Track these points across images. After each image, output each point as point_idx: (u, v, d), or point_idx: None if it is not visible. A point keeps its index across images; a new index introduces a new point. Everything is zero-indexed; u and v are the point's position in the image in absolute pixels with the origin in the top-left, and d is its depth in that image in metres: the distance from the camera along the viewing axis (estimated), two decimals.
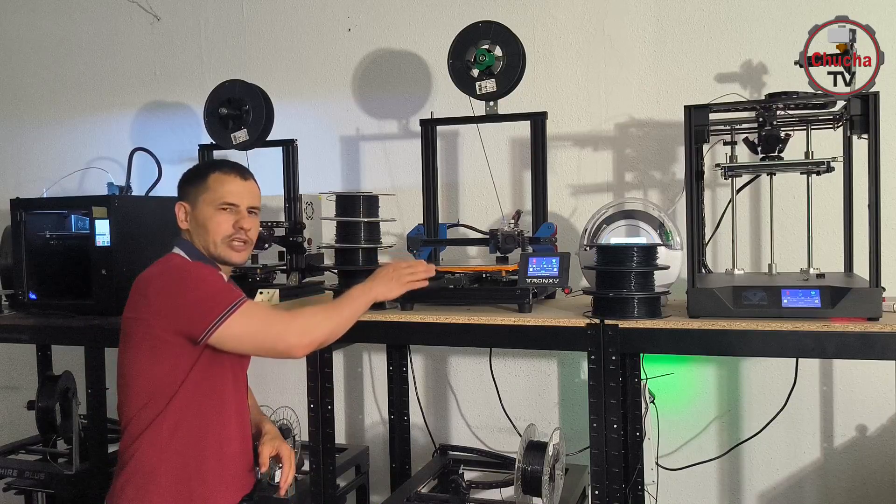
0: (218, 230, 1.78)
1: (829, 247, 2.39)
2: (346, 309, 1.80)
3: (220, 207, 1.79)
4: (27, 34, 3.76)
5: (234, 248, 1.80)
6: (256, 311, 1.71)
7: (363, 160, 3.20)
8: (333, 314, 1.78)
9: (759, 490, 2.72)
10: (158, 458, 1.69)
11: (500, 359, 2.97)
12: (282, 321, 1.70)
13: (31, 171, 3.74)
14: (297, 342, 1.70)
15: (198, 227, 1.79)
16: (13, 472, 2.72)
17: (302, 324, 1.72)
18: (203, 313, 1.64)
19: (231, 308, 1.65)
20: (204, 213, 1.79)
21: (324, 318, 1.76)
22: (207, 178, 1.81)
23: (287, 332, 1.70)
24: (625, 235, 2.27)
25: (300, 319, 1.73)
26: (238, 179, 1.83)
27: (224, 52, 3.40)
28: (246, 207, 1.82)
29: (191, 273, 1.72)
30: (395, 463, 2.83)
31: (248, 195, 1.84)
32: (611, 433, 1.99)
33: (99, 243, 2.51)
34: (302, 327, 1.72)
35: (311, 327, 1.73)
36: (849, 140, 2.14)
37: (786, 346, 1.86)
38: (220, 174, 1.82)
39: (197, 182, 1.81)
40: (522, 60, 2.35)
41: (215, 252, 1.79)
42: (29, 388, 3.12)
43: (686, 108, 2.02)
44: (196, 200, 1.80)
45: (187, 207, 1.81)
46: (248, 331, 1.67)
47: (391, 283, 1.88)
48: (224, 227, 1.79)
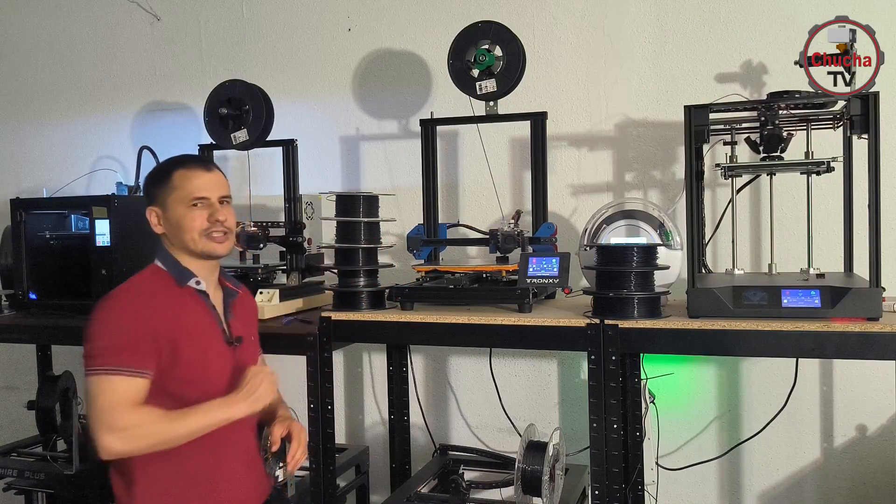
0: (194, 226, 1.73)
1: (829, 247, 2.39)
2: (194, 424, 1.62)
3: (191, 204, 1.73)
4: (27, 34, 3.76)
5: (215, 239, 1.75)
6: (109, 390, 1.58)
7: (363, 160, 3.20)
8: (175, 430, 1.61)
9: (759, 490, 2.72)
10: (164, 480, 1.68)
11: (500, 359, 2.97)
12: (115, 415, 1.56)
13: (31, 170, 3.74)
14: (109, 445, 1.56)
15: (173, 228, 1.74)
16: (13, 472, 2.72)
17: (131, 429, 1.58)
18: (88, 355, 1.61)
19: (98, 370, 1.58)
20: (176, 213, 1.73)
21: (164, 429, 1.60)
22: (172, 176, 1.75)
23: (110, 429, 1.56)
24: (625, 235, 2.27)
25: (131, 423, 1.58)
26: (203, 172, 1.77)
27: (224, 52, 3.40)
28: (217, 198, 1.77)
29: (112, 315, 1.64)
30: (395, 463, 2.83)
31: (216, 186, 1.78)
32: (611, 433, 1.99)
33: (99, 243, 2.51)
34: (127, 432, 1.57)
35: (141, 438, 1.59)
36: (849, 140, 2.14)
37: (786, 346, 1.86)
38: (184, 170, 1.75)
39: (162, 183, 1.75)
40: (522, 60, 2.35)
41: (197, 248, 1.74)
42: (29, 388, 3.12)
43: (686, 108, 2.02)
44: (166, 202, 1.74)
45: (158, 211, 1.76)
46: (91, 400, 1.59)
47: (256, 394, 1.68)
48: (199, 223, 1.73)
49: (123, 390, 1.59)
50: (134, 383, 1.60)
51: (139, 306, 1.66)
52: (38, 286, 2.69)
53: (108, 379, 1.59)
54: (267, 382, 1.70)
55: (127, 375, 1.60)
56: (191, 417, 1.63)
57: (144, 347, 1.63)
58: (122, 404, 1.58)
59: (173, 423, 1.61)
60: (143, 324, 1.64)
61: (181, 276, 1.75)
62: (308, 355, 2.28)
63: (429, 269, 2.41)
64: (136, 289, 1.72)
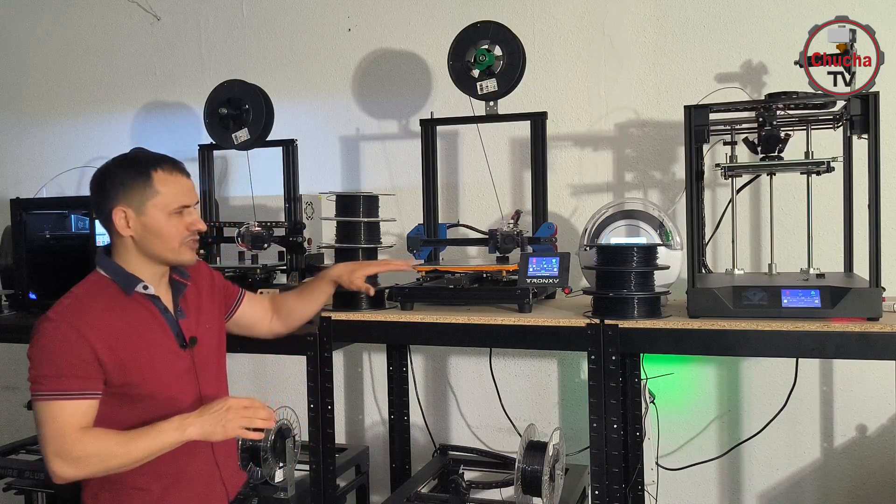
0: (175, 235, 1.66)
1: (829, 247, 2.39)
2: (146, 448, 1.57)
3: (174, 212, 1.66)
4: (27, 34, 3.76)
5: (192, 247, 1.72)
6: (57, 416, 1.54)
7: (363, 160, 3.20)
8: (129, 452, 1.56)
9: (759, 490, 2.72)
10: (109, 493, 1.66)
11: (500, 359, 2.97)
12: (66, 442, 1.53)
13: (31, 170, 3.74)
14: (60, 471, 1.54)
15: (147, 233, 1.64)
16: (13, 472, 2.72)
17: (82, 455, 1.53)
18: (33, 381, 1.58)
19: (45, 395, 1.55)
20: (155, 218, 1.64)
21: (115, 454, 1.55)
22: (151, 178, 1.63)
23: (59, 455, 1.53)
24: (625, 235, 2.27)
25: (86, 449, 1.53)
26: (182, 177, 1.69)
27: (224, 52, 3.40)
28: (193, 205, 1.72)
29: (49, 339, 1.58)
30: (395, 463, 2.83)
31: (193, 192, 1.72)
32: (611, 433, 1.99)
33: (99, 243, 2.50)
34: (79, 459, 1.53)
35: (92, 463, 1.55)
36: (849, 140, 2.14)
37: (786, 346, 1.86)
38: (165, 174, 1.65)
39: (138, 183, 1.63)
40: (522, 60, 2.35)
41: (172, 258, 1.69)
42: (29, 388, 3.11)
43: (686, 108, 2.02)
44: (142, 206, 1.63)
45: (129, 213, 1.63)
46: (40, 426, 1.56)
47: (218, 425, 1.59)
48: (181, 232, 1.67)
49: (69, 415, 1.55)
50: (80, 406, 1.56)
51: (77, 328, 1.58)
52: (38, 286, 2.69)
53: (52, 405, 1.55)
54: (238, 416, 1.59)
55: (71, 399, 1.55)
56: (142, 441, 1.56)
57: (85, 370, 1.57)
58: (69, 429, 1.54)
59: (125, 446, 1.56)
60: (81, 347, 1.57)
61: (128, 283, 1.67)
62: (308, 355, 2.28)
63: (429, 269, 2.41)
64: (75, 306, 1.63)
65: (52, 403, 1.55)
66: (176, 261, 1.71)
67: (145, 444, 1.57)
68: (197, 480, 1.74)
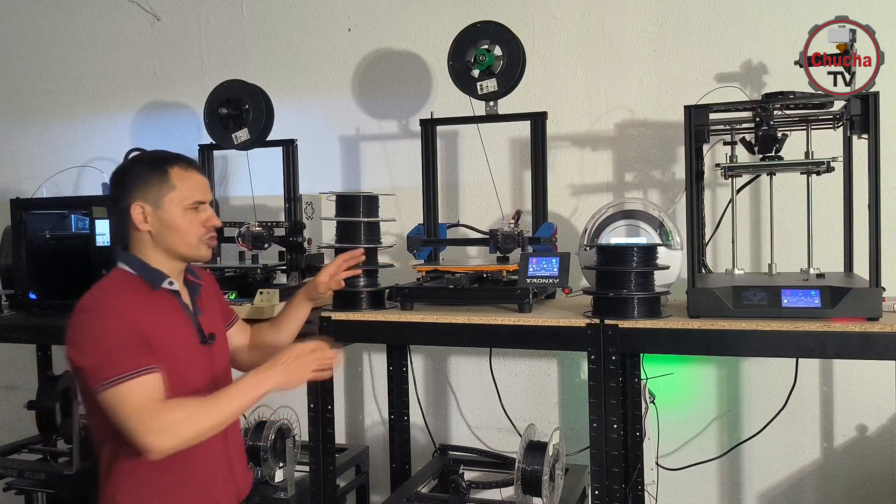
0: (192, 231, 1.69)
1: (829, 247, 2.39)
2: (230, 406, 1.60)
3: (190, 207, 1.69)
4: (27, 34, 3.76)
5: (209, 245, 1.74)
6: (131, 395, 1.52)
7: (363, 160, 3.20)
8: (215, 413, 1.58)
9: (759, 490, 2.72)
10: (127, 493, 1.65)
11: (500, 359, 2.97)
12: (148, 416, 1.52)
13: (30, 170, 3.74)
14: (153, 445, 1.51)
15: (164, 228, 1.67)
16: (13, 472, 2.72)
17: (169, 423, 1.52)
18: (92, 374, 1.54)
19: (113, 381, 1.52)
20: (171, 213, 1.67)
21: (201, 418, 1.56)
22: (168, 174, 1.67)
23: (149, 431, 1.51)
24: (625, 235, 2.27)
25: (171, 417, 1.53)
26: (198, 174, 1.73)
27: (224, 52, 3.40)
28: (208, 202, 1.74)
29: (96, 325, 1.58)
30: (395, 463, 2.83)
31: (208, 190, 1.75)
32: (611, 433, 1.99)
33: (99, 243, 2.50)
34: (167, 428, 1.52)
35: (181, 429, 1.53)
36: (849, 140, 2.14)
37: (786, 346, 1.86)
38: (181, 170, 1.69)
39: (156, 179, 1.67)
40: (522, 60, 2.35)
41: (188, 253, 1.71)
42: (29, 388, 3.12)
43: (686, 108, 2.02)
44: (159, 200, 1.66)
45: (147, 208, 1.67)
46: (117, 411, 1.52)
47: (293, 373, 1.65)
48: (198, 228, 1.70)
49: (142, 392, 1.54)
50: (148, 381, 1.55)
51: (115, 310, 1.59)
52: (38, 286, 2.69)
53: (121, 388, 1.52)
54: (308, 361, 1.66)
55: (137, 377, 1.54)
56: (223, 401, 1.59)
57: (137, 347, 1.58)
58: (148, 405, 1.53)
59: (207, 409, 1.57)
60: (125, 326, 1.58)
61: (154, 278, 1.68)
62: None
63: (429, 269, 2.41)
64: (106, 295, 1.64)
65: (121, 387, 1.53)
66: (192, 256, 1.73)
67: (227, 403, 1.59)
68: (211, 477, 1.75)
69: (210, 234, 1.73)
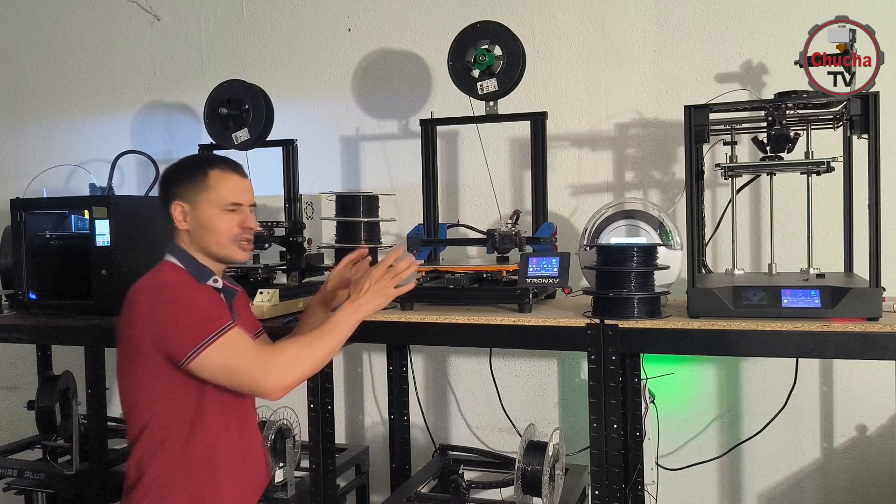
0: (225, 230, 1.74)
1: (829, 247, 2.39)
2: (331, 339, 1.70)
3: (226, 208, 1.74)
4: (27, 34, 3.76)
5: (243, 247, 1.78)
6: (236, 344, 1.61)
7: (363, 160, 3.20)
8: (319, 347, 1.67)
9: (759, 490, 2.72)
10: (171, 475, 1.67)
11: (500, 359, 2.97)
12: (261, 358, 1.60)
13: (30, 170, 3.72)
14: (274, 384, 1.59)
15: (200, 227, 1.74)
16: (13, 472, 2.72)
17: (282, 363, 1.61)
18: (184, 339, 1.58)
19: (212, 337, 1.58)
20: (207, 213, 1.73)
21: (308, 353, 1.65)
22: (208, 176, 1.75)
23: (265, 371, 1.58)
24: (625, 235, 2.27)
25: (281, 357, 1.62)
26: (238, 177, 1.79)
27: (224, 52, 3.40)
28: (248, 205, 1.80)
29: (178, 293, 1.64)
30: (395, 463, 2.83)
31: (249, 193, 1.81)
32: (611, 433, 1.99)
33: (99, 243, 2.51)
34: (281, 367, 1.60)
35: (293, 367, 1.62)
36: (849, 140, 2.14)
37: (786, 346, 1.86)
38: (221, 172, 1.76)
39: (195, 180, 1.75)
40: (522, 60, 2.35)
41: (220, 252, 1.75)
42: (29, 388, 3.12)
43: (686, 108, 2.01)
44: (196, 200, 1.74)
45: (185, 207, 1.74)
46: (225, 364, 1.59)
47: (378, 298, 1.77)
48: (232, 228, 1.75)
49: (244, 340, 1.63)
50: (241, 332, 1.64)
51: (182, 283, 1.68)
52: (38, 286, 2.69)
53: (221, 341, 1.59)
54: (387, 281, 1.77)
55: (228, 330, 1.61)
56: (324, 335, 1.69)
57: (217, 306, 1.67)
58: (252, 350, 1.61)
59: (310, 345, 1.66)
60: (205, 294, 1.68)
61: (201, 273, 1.75)
62: None
63: (429, 269, 2.41)
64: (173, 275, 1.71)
65: (221, 340, 1.59)
66: (225, 256, 1.77)
67: (329, 337, 1.69)
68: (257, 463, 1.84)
69: (245, 235, 1.77)
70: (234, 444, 1.76)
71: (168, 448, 1.67)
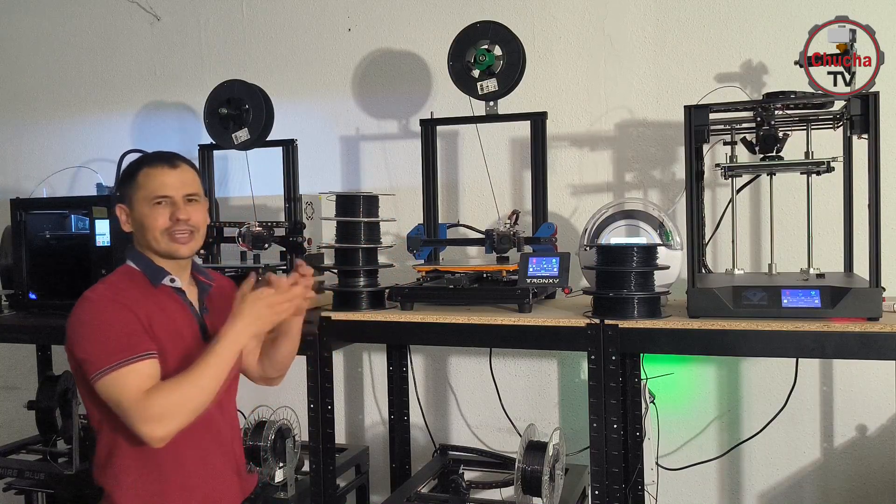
0: (154, 225, 1.69)
1: (829, 247, 2.39)
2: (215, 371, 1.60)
3: (154, 203, 1.70)
4: (27, 34, 3.76)
5: (178, 239, 1.71)
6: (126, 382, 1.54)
7: (363, 160, 3.20)
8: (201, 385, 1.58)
9: (759, 490, 2.72)
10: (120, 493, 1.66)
11: (500, 359, 2.97)
12: (142, 404, 1.53)
13: (30, 170, 3.74)
14: (150, 434, 1.52)
15: (138, 227, 1.72)
16: (13, 472, 2.72)
17: (160, 411, 1.53)
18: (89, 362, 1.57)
19: (106, 370, 1.54)
20: (140, 211, 1.70)
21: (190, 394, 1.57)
22: (137, 175, 1.72)
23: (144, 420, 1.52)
24: (625, 235, 2.27)
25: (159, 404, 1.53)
26: (167, 169, 1.73)
27: (224, 52, 3.40)
28: (182, 197, 1.72)
29: (92, 314, 1.62)
30: (395, 463, 2.83)
31: (180, 184, 1.73)
32: (611, 433, 1.99)
33: (99, 243, 2.51)
34: (160, 415, 1.53)
35: (172, 414, 1.54)
36: (849, 140, 2.14)
37: (786, 346, 1.86)
38: (148, 168, 1.73)
39: (129, 182, 1.73)
40: (522, 60, 2.35)
41: (159, 248, 1.71)
42: (29, 388, 3.12)
43: (686, 108, 2.02)
44: (132, 200, 1.72)
45: (126, 210, 1.73)
46: (115, 402, 1.55)
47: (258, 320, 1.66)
48: (160, 222, 1.70)
49: (135, 379, 1.56)
50: (142, 367, 1.57)
51: (117, 302, 1.63)
52: (38, 286, 2.69)
53: (116, 376, 1.55)
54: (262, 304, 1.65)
55: (132, 363, 1.56)
56: (208, 369, 1.59)
57: (134, 336, 1.60)
58: (140, 392, 1.55)
59: (196, 383, 1.57)
60: (124, 316, 1.61)
61: (155, 274, 1.72)
62: (308, 355, 2.28)
63: (429, 269, 2.41)
64: (114, 287, 1.68)
65: (116, 374, 1.55)
66: (165, 251, 1.72)
67: (213, 370, 1.59)
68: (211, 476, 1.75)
69: (178, 227, 1.71)
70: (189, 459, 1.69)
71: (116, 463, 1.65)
